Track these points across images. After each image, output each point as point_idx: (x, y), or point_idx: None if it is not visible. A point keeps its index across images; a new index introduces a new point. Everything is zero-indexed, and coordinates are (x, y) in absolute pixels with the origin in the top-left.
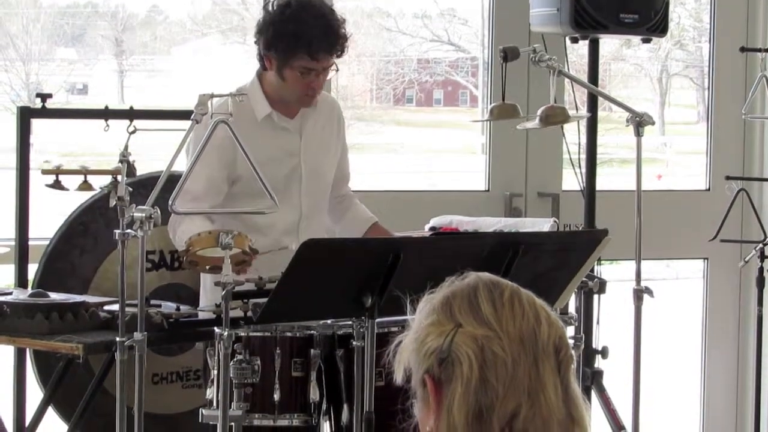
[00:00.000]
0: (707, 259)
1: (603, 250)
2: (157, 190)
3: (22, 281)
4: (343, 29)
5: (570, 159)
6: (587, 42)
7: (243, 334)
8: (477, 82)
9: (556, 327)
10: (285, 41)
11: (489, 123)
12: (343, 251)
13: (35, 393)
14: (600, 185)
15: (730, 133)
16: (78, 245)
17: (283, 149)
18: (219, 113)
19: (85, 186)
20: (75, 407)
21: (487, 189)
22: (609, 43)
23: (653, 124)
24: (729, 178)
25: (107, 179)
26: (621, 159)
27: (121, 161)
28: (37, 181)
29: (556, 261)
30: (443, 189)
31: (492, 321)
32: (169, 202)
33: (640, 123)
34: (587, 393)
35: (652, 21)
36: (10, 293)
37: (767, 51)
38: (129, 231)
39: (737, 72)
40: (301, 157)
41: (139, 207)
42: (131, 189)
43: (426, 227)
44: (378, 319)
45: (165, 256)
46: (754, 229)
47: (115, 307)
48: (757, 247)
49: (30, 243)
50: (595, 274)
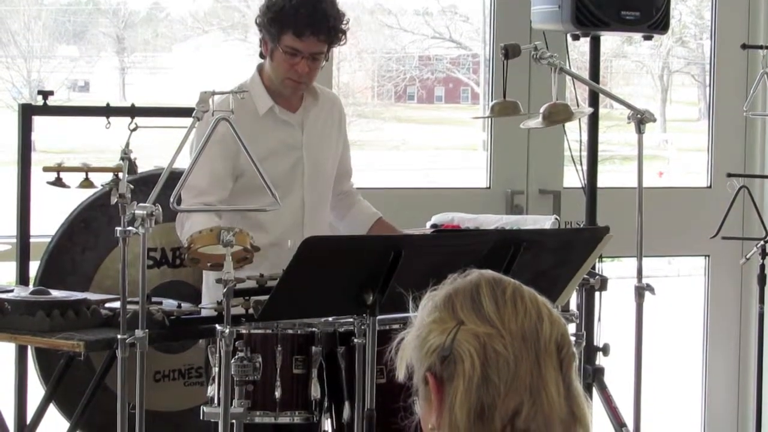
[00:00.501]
0: (708, 257)
1: (604, 247)
2: (159, 187)
3: (23, 278)
4: (336, 18)
5: (571, 156)
6: (588, 39)
7: (244, 331)
8: (478, 79)
9: (558, 325)
10: (275, 18)
11: (490, 120)
12: (345, 249)
13: (36, 390)
14: (601, 182)
15: (731, 130)
16: (79, 243)
17: (285, 143)
18: (220, 110)
19: (87, 183)
20: (76, 405)
21: (489, 186)
22: (610, 40)
23: (654, 121)
24: (730, 175)
25: (109, 176)
26: (622, 156)
27: (123, 158)
28: (39, 179)
29: (557, 258)
30: (444, 186)
31: (494, 318)
32: (171, 199)
33: (641, 120)
34: (589, 390)
35: (653, 18)
36: (11, 290)
37: None
38: (130, 228)
39: (738, 69)
40: (303, 151)
41: (141, 204)
42: (132, 186)
43: (427, 224)
44: (379, 317)
45: (167, 253)
46: (755, 226)
47: (117, 305)
48: (759, 244)
49: (31, 240)
50: (597, 271)
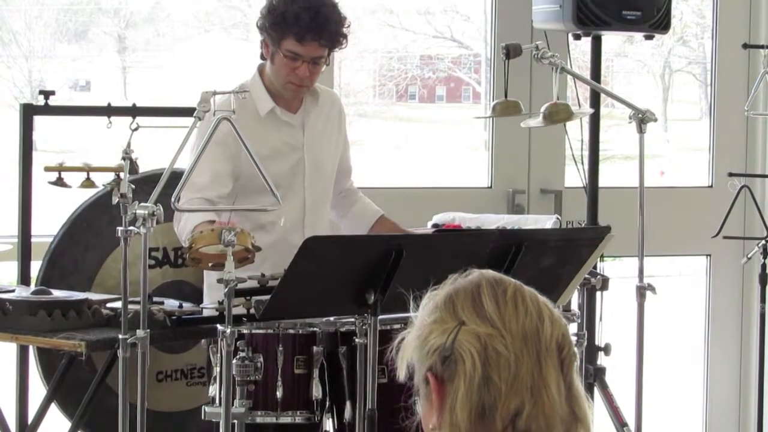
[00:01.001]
0: (710, 256)
1: (606, 247)
2: (160, 186)
3: (24, 278)
4: (338, 23)
5: (573, 155)
6: (590, 39)
7: (246, 331)
8: (480, 78)
9: (559, 325)
10: (277, 22)
11: (492, 120)
12: (345, 248)
13: (38, 390)
14: (602, 182)
15: (732, 130)
16: (81, 242)
17: (287, 143)
18: (222, 110)
19: (88, 183)
20: (78, 404)
21: (490, 186)
22: (611, 40)
23: (656, 120)
24: (732, 174)
25: (110, 176)
26: (623, 155)
27: (124, 158)
28: (40, 179)
29: (558, 258)
30: (446, 186)
31: (495, 319)
32: (172, 198)
33: (642, 119)
34: (590, 390)
35: (654, 17)
36: (12, 290)
37: None
38: (132, 228)
39: (740, 69)
40: (304, 151)
41: (142, 204)
42: (134, 186)
43: (428, 224)
44: (380, 316)
45: (168, 253)
46: (756, 226)
47: (118, 305)
48: (760, 244)
49: (33, 240)
50: (598, 271)
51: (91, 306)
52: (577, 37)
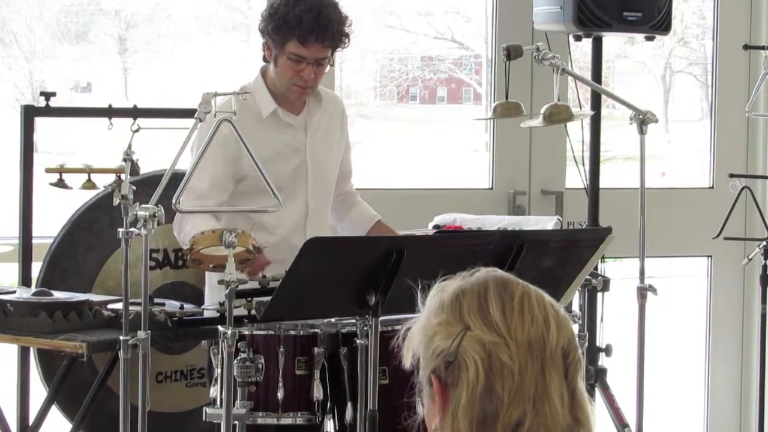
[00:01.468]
0: (711, 257)
1: (607, 247)
2: (161, 188)
3: (25, 280)
4: (340, 22)
5: (573, 157)
6: (590, 40)
7: (247, 332)
8: (480, 79)
9: (565, 330)
10: (279, 26)
11: (493, 121)
12: (347, 249)
13: (39, 391)
14: (603, 183)
15: (733, 131)
16: (82, 244)
17: (289, 145)
18: (222, 111)
19: (89, 184)
20: (79, 406)
21: (491, 187)
22: (612, 41)
23: (656, 121)
24: (732, 175)
25: (111, 178)
26: (624, 156)
27: (125, 160)
28: (41, 180)
29: (559, 259)
30: (447, 187)
31: (501, 326)
32: (173, 200)
33: (643, 120)
34: (591, 391)
35: (655, 19)
36: (13, 292)
37: None
38: (132, 229)
39: (741, 69)
40: (307, 153)
41: (143, 205)
42: (135, 187)
43: (429, 225)
44: (381, 318)
45: (169, 254)
46: (757, 227)
47: (119, 306)
48: (761, 245)
49: (33, 241)
50: (599, 272)
51: (92, 307)
52: (578, 39)
